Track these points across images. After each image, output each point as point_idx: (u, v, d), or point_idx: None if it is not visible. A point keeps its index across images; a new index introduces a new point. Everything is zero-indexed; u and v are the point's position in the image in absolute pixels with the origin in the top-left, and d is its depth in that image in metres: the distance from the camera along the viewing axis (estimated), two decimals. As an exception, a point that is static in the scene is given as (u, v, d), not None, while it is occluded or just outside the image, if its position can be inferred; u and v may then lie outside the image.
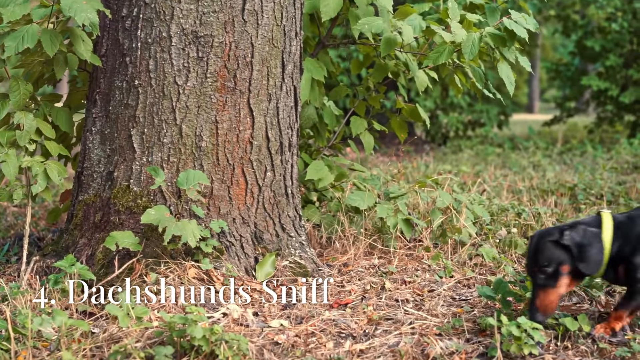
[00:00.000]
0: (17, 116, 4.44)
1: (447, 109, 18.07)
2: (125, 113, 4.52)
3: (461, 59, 5.53)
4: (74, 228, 4.69)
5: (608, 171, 10.05)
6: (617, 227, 3.72)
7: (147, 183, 4.47)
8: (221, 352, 3.29)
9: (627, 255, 3.68)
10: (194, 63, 4.43)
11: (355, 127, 5.74)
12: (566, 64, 19.77)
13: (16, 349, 3.42)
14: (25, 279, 4.39)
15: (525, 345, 3.42)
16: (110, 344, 3.60)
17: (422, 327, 3.88)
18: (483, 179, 9.38)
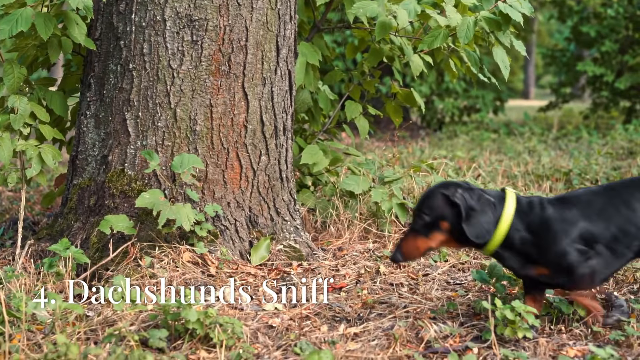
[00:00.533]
0: (11, 100, 4.43)
1: (442, 94, 18.07)
2: (119, 97, 4.51)
3: (456, 43, 5.52)
4: (69, 212, 4.69)
5: (603, 156, 10.06)
6: (520, 208, 3.56)
7: (142, 167, 4.47)
8: (215, 336, 3.29)
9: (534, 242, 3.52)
10: (188, 47, 4.42)
11: (350, 111, 5.73)
12: (562, 50, 19.77)
13: (10, 332, 3.42)
14: (20, 262, 4.39)
15: (519, 328, 3.42)
16: (105, 327, 3.60)
17: (416, 310, 3.88)
18: (478, 164, 9.38)
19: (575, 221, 3.51)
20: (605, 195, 3.62)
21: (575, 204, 3.59)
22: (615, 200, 3.59)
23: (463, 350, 3.36)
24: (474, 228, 3.46)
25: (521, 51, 5.25)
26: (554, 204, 3.58)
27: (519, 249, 3.54)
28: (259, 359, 3.27)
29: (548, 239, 3.50)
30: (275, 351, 3.37)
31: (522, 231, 3.52)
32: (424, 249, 3.56)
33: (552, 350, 3.38)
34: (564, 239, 3.48)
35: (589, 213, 3.55)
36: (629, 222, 3.52)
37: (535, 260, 3.53)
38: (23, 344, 3.32)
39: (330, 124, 6.06)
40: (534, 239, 3.51)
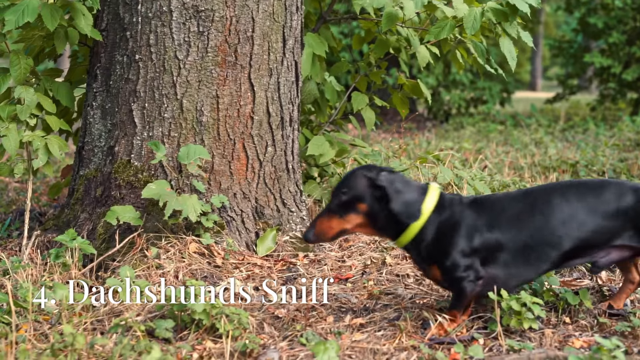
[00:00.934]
0: (17, 90, 4.43)
1: (449, 86, 18.04)
2: (126, 88, 4.51)
3: (463, 35, 5.51)
4: (75, 203, 4.69)
5: (610, 148, 10.05)
6: (440, 204, 3.50)
7: (148, 158, 4.47)
8: (221, 326, 3.30)
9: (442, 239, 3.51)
10: (194, 37, 4.42)
11: (357, 102, 5.72)
12: (569, 41, 19.72)
13: (17, 323, 3.43)
14: (27, 253, 4.40)
15: (525, 319, 3.42)
16: (111, 318, 3.61)
17: (422, 301, 3.88)
18: (485, 156, 9.37)
19: (480, 228, 3.46)
20: (521, 202, 3.55)
21: (487, 209, 3.53)
22: (531, 207, 3.51)
23: (469, 341, 3.37)
24: (404, 207, 3.40)
25: (528, 42, 5.24)
26: (469, 208, 3.53)
27: (427, 245, 3.50)
28: (265, 349, 3.28)
29: (449, 240, 3.46)
30: (281, 342, 3.38)
31: (435, 228, 3.48)
32: (338, 229, 3.50)
33: (558, 341, 3.38)
34: (461, 246, 3.44)
35: (499, 220, 3.49)
36: (542, 231, 3.45)
37: (434, 259, 3.52)
38: (30, 334, 3.33)
39: (336, 115, 6.05)
40: (439, 238, 3.48)
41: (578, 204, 3.46)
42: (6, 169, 4.54)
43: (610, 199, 3.47)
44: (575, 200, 3.47)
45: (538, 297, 3.66)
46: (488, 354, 3.23)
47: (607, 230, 3.46)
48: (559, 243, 3.44)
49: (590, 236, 3.46)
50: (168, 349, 3.17)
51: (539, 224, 3.46)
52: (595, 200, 3.48)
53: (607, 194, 3.49)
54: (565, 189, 3.55)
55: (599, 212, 3.46)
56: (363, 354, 3.24)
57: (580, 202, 3.47)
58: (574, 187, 3.56)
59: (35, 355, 3.06)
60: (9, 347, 3.09)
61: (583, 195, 3.49)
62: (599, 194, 3.49)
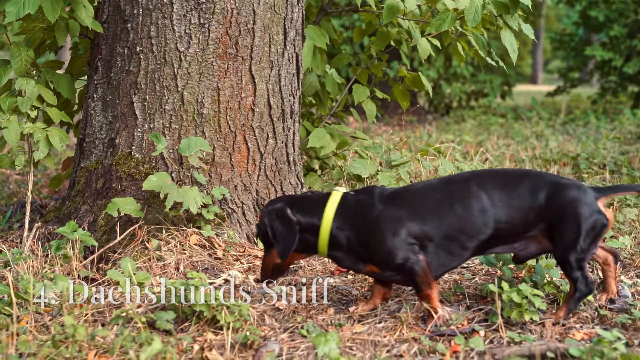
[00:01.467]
0: (18, 82, 4.43)
1: (450, 79, 18.01)
2: (126, 80, 4.51)
3: (464, 27, 5.51)
4: (76, 195, 4.70)
5: (611, 141, 10.04)
6: (344, 206, 3.57)
7: (149, 150, 4.47)
8: (222, 318, 3.30)
9: (362, 240, 3.53)
10: (195, 29, 4.41)
11: (358, 94, 5.72)
12: (570, 34, 19.69)
13: (18, 314, 3.44)
14: (28, 245, 4.40)
15: (526, 311, 3.42)
16: (112, 310, 3.61)
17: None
18: (485, 149, 9.36)
19: (405, 220, 3.48)
20: (441, 191, 3.59)
21: (408, 201, 3.57)
22: (451, 196, 3.55)
23: (470, 333, 3.37)
24: (278, 247, 3.54)
25: (529, 35, 5.23)
26: (385, 202, 3.55)
27: (348, 249, 3.55)
28: (266, 341, 3.28)
29: (376, 238, 3.48)
30: (282, 333, 3.38)
31: (347, 231, 3.52)
32: (272, 265, 3.65)
33: (559, 333, 3.38)
34: (391, 239, 3.46)
35: (421, 211, 3.52)
36: (463, 220, 3.49)
37: (366, 259, 3.54)
38: (31, 325, 3.34)
39: (337, 107, 6.05)
40: (361, 238, 3.51)
41: (495, 194, 3.50)
42: (7, 160, 4.54)
43: (526, 191, 3.50)
44: (492, 190, 3.51)
45: (539, 289, 3.66)
46: (489, 346, 3.23)
47: (521, 221, 3.50)
48: (478, 232, 3.49)
49: (505, 226, 3.49)
50: (169, 340, 3.17)
51: (460, 213, 3.50)
52: (512, 191, 3.51)
53: (524, 185, 3.52)
54: (483, 178, 3.58)
55: (514, 203, 3.49)
56: (364, 346, 3.25)
57: (497, 192, 3.51)
58: (492, 176, 3.60)
59: (37, 347, 3.06)
60: (10, 338, 3.10)
61: (500, 185, 3.53)
62: (516, 186, 3.52)
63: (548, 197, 3.48)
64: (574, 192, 3.49)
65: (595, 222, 3.46)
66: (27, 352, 3.06)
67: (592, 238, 3.46)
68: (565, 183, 3.53)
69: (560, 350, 3.08)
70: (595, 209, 3.47)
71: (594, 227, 3.46)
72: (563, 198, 3.47)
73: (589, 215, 3.45)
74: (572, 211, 3.46)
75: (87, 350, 3.06)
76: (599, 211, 3.47)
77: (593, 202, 3.48)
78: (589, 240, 3.45)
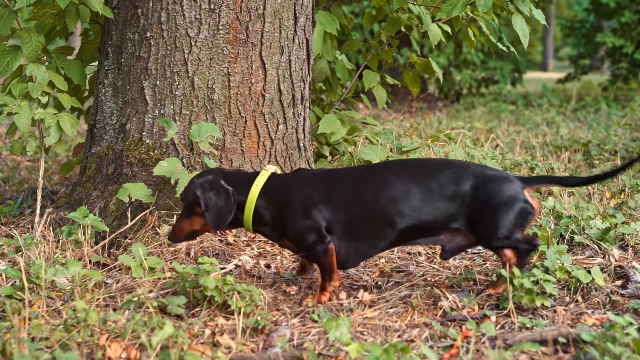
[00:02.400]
0: (29, 68, 4.43)
1: (460, 65, 17.99)
2: (137, 65, 4.50)
3: (475, 12, 5.48)
4: (87, 180, 4.70)
5: (622, 128, 10.00)
6: (269, 185, 3.61)
7: (160, 135, 4.47)
8: (233, 303, 3.30)
9: (282, 218, 3.59)
10: (205, 15, 4.41)
11: (368, 80, 5.70)
12: (581, 21, 19.63)
13: (30, 299, 3.45)
14: (39, 230, 4.41)
15: (537, 297, 3.42)
16: (124, 294, 3.62)
17: (434, 279, 3.88)
18: (496, 135, 9.34)
19: (317, 202, 3.52)
20: (358, 177, 3.63)
21: (324, 184, 3.60)
22: (365, 183, 3.57)
23: (481, 318, 3.36)
24: (211, 216, 3.56)
25: (540, 20, 5.21)
26: (304, 183, 3.60)
27: (272, 226, 3.61)
28: (277, 326, 3.28)
29: (289, 218, 3.54)
30: (293, 318, 3.38)
31: (271, 209, 3.58)
32: (188, 230, 3.68)
33: (570, 318, 3.37)
34: (302, 220, 3.51)
35: (334, 195, 3.55)
36: (373, 208, 3.51)
37: (285, 236, 3.60)
38: (43, 310, 3.34)
39: (347, 93, 6.04)
40: (281, 216, 3.56)
41: (413, 184, 3.48)
42: (18, 146, 4.54)
43: (449, 181, 3.48)
44: (410, 180, 3.49)
45: (550, 275, 3.65)
46: (500, 331, 3.23)
47: (444, 212, 3.47)
48: (392, 221, 3.48)
49: (426, 217, 3.47)
50: (180, 325, 3.18)
51: (369, 200, 3.51)
52: (433, 181, 3.48)
53: (447, 176, 3.50)
54: (402, 167, 3.59)
55: (435, 194, 3.47)
56: (375, 331, 3.25)
57: (416, 182, 3.49)
58: (413, 166, 3.62)
59: (49, 331, 3.07)
60: (23, 323, 3.11)
61: (420, 175, 3.52)
62: (438, 176, 3.50)
63: (473, 188, 3.46)
64: (500, 183, 3.48)
65: (521, 210, 3.46)
66: (40, 336, 3.07)
67: (518, 226, 3.46)
68: (491, 174, 3.51)
69: (572, 336, 3.07)
70: (522, 197, 3.46)
71: (520, 214, 3.46)
72: (489, 188, 3.46)
73: (516, 204, 3.45)
74: (498, 201, 3.45)
75: (98, 334, 3.06)
76: (525, 200, 3.46)
77: (520, 191, 3.47)
78: (515, 228, 3.45)
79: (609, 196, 5.52)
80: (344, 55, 5.95)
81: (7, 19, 4.39)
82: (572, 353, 2.99)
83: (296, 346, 3.10)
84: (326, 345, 3.09)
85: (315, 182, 3.60)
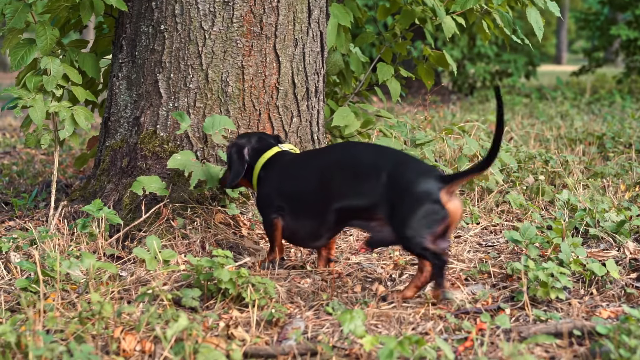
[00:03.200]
0: (44, 61, 4.44)
1: (474, 58, 17.94)
2: (151, 58, 4.51)
3: (489, 4, 5.46)
4: (101, 173, 4.71)
5: (637, 120, 9.96)
6: (271, 159, 3.93)
7: (174, 128, 4.48)
8: (248, 295, 3.30)
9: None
10: (220, 7, 4.41)
11: (382, 73, 5.69)
12: (595, 13, 19.53)
13: (45, 292, 3.45)
14: (54, 223, 4.42)
15: (552, 289, 3.41)
16: (138, 287, 3.63)
17: (448, 271, 3.87)
18: (510, 128, 9.32)
19: (276, 181, 3.86)
20: (307, 161, 3.85)
21: (287, 165, 3.86)
22: (308, 166, 3.78)
23: (495, 311, 3.36)
24: (229, 172, 4.01)
25: (555, 12, 5.19)
26: (278, 163, 3.92)
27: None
28: (291, 318, 3.28)
29: (258, 188, 3.96)
30: (307, 311, 3.38)
31: (263, 179, 3.93)
32: (225, 180, 4.17)
33: (585, 311, 3.36)
34: (262, 195, 3.91)
35: (287, 176, 3.82)
36: (309, 190, 3.70)
37: None
38: (57, 302, 3.35)
39: (361, 86, 6.03)
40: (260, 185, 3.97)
41: (342, 169, 3.58)
42: (33, 139, 4.55)
43: (370, 168, 3.47)
44: (339, 165, 3.61)
45: (565, 267, 3.64)
46: (515, 324, 3.22)
47: (368, 198, 3.46)
48: (327, 203, 3.60)
49: (354, 202, 3.52)
50: (195, 317, 3.18)
51: (307, 184, 3.72)
52: (358, 166, 3.52)
53: (369, 163, 3.51)
54: (336, 151, 3.77)
55: (360, 179, 3.50)
56: (389, 323, 3.24)
57: (344, 167, 3.58)
58: (344, 150, 3.75)
59: (64, 323, 3.08)
60: (38, 315, 3.12)
61: (347, 160, 3.60)
62: (363, 161, 3.53)
63: (391, 177, 3.39)
64: (416, 176, 3.36)
65: (429, 211, 3.30)
66: (54, 328, 3.08)
67: (426, 229, 3.30)
68: (411, 165, 3.43)
69: (587, 328, 3.06)
70: (434, 197, 3.29)
71: (427, 216, 3.30)
72: (404, 180, 3.37)
73: (424, 203, 3.30)
74: (409, 196, 3.34)
75: (113, 327, 3.07)
76: (437, 201, 3.29)
77: (433, 190, 3.30)
78: (422, 231, 3.30)
79: (623, 189, 5.50)
80: (357, 48, 5.94)
81: (22, 12, 4.39)
82: (587, 346, 2.98)
83: (310, 339, 3.10)
84: (340, 338, 3.08)
85: (284, 163, 3.89)
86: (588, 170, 6.29)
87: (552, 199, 5.23)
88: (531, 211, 4.87)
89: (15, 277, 3.78)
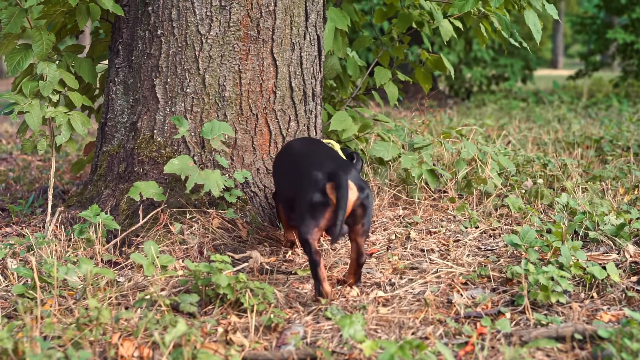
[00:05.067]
0: (40, 66, 4.42)
1: (470, 63, 17.95)
2: (148, 63, 4.49)
3: (487, 8, 5.45)
4: (98, 179, 4.69)
5: (634, 123, 9.95)
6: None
7: (171, 133, 4.46)
8: (246, 301, 3.29)
9: None
10: (216, 12, 4.39)
11: (379, 77, 5.68)
12: (591, 17, 19.55)
13: (42, 298, 3.44)
14: (51, 229, 4.40)
15: (552, 293, 3.39)
16: (136, 293, 3.61)
17: (447, 276, 3.86)
18: (507, 132, 9.31)
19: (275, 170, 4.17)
20: (290, 156, 4.03)
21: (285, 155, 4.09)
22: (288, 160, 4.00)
23: (496, 315, 3.34)
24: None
25: (553, 14, 5.18)
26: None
27: None
28: (290, 323, 3.26)
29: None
30: (306, 316, 3.36)
31: None
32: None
33: (586, 315, 3.35)
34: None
35: (280, 167, 4.09)
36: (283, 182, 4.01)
37: None
38: (55, 308, 3.33)
39: (359, 90, 6.01)
40: None
41: (297, 163, 3.82)
42: (29, 145, 4.53)
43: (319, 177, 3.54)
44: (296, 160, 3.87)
45: (565, 271, 3.63)
46: (515, 328, 3.20)
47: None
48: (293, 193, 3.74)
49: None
50: (193, 323, 3.16)
51: (283, 176, 4.02)
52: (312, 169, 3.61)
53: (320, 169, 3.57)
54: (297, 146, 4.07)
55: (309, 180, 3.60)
56: (389, 328, 3.22)
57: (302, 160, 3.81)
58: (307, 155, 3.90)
59: (61, 329, 3.06)
60: (35, 322, 3.09)
61: (306, 163, 3.72)
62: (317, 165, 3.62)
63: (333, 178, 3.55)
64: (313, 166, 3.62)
65: (311, 201, 3.50)
66: (52, 335, 3.06)
67: (310, 214, 3.50)
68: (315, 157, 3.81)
69: (588, 332, 3.04)
70: (319, 186, 3.50)
71: (310, 204, 3.50)
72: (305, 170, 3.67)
73: (309, 193, 3.51)
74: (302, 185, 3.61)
75: (111, 333, 3.05)
76: (322, 191, 3.49)
77: (319, 177, 3.51)
78: (304, 216, 3.52)
79: (622, 192, 5.49)
80: (354, 51, 5.93)
81: (18, 17, 4.37)
82: (588, 350, 2.96)
83: (309, 344, 3.09)
84: (340, 343, 3.07)
85: (282, 154, 4.13)
86: (586, 173, 6.27)
87: (551, 203, 5.22)
88: (530, 215, 4.85)
89: (12, 284, 3.76)
